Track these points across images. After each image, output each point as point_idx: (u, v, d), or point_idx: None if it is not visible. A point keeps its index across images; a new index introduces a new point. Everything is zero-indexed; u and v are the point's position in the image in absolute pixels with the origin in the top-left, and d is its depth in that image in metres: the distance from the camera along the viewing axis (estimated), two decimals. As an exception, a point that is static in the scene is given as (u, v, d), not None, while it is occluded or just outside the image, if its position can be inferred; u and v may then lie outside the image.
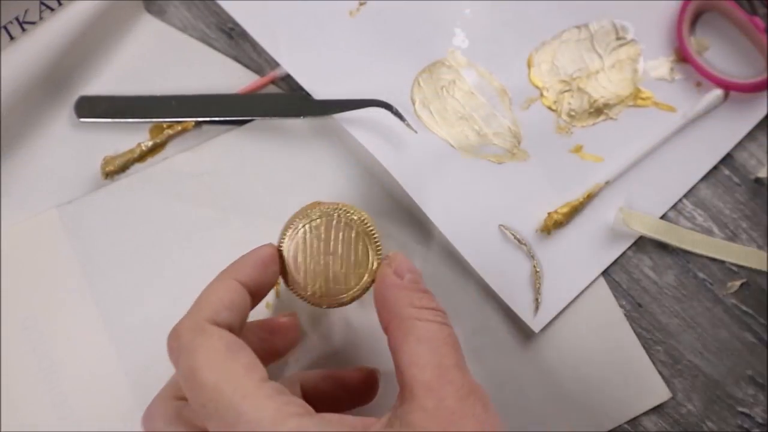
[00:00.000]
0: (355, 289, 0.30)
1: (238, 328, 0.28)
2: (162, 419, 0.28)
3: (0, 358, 0.35)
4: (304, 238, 0.30)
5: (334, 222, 0.30)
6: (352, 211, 0.30)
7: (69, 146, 0.39)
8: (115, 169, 0.38)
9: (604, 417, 0.36)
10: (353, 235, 0.30)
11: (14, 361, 0.35)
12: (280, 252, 0.30)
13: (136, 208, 0.38)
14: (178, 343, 0.26)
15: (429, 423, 0.24)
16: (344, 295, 0.30)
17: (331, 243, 0.30)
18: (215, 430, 0.24)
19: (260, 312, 0.36)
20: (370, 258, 0.30)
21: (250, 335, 0.31)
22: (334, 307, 0.31)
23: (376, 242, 0.30)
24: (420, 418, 0.25)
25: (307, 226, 0.30)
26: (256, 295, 0.29)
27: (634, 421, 0.36)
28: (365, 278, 0.30)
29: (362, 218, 0.30)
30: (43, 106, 0.39)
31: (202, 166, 0.39)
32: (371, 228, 0.30)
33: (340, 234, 0.30)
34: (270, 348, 0.33)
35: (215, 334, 0.26)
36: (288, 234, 0.30)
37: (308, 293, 0.30)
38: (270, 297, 0.36)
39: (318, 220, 0.30)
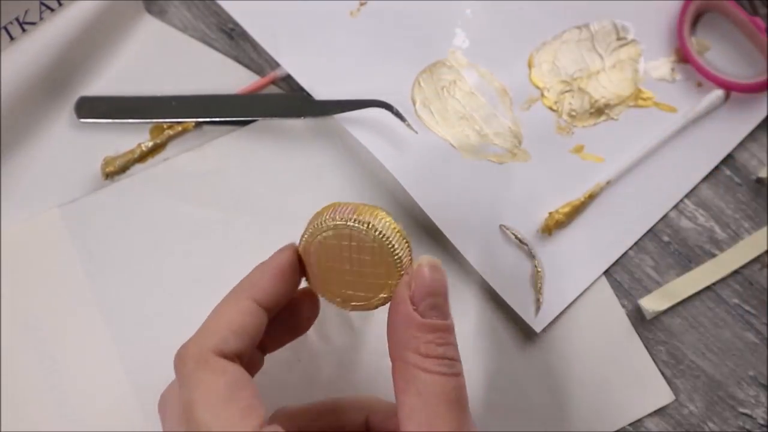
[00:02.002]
0: (377, 298, 0.29)
1: (249, 350, 0.27)
2: (177, 410, 0.26)
3: (0, 357, 0.35)
4: (325, 242, 0.28)
5: (359, 230, 0.28)
6: (379, 219, 0.28)
7: (69, 147, 0.39)
8: (116, 170, 0.38)
9: (606, 418, 0.36)
10: (376, 245, 0.28)
11: (15, 360, 0.35)
12: (301, 252, 0.29)
13: (138, 207, 0.38)
14: (183, 369, 0.26)
15: None
16: (367, 302, 0.29)
17: (355, 250, 0.28)
18: None
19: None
20: (392, 272, 0.28)
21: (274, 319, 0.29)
22: (359, 310, 0.30)
23: (397, 257, 0.28)
24: None
25: (331, 231, 0.28)
26: (273, 308, 0.28)
27: (636, 421, 0.36)
28: (384, 291, 0.29)
29: (384, 234, 0.28)
30: (43, 106, 0.39)
31: (204, 166, 0.38)
32: (395, 241, 0.28)
33: (365, 243, 0.28)
34: (294, 325, 0.31)
35: (218, 369, 0.25)
36: (311, 234, 0.28)
37: (332, 296, 0.29)
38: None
39: (343, 225, 0.28)
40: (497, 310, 0.37)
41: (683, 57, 0.40)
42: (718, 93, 0.39)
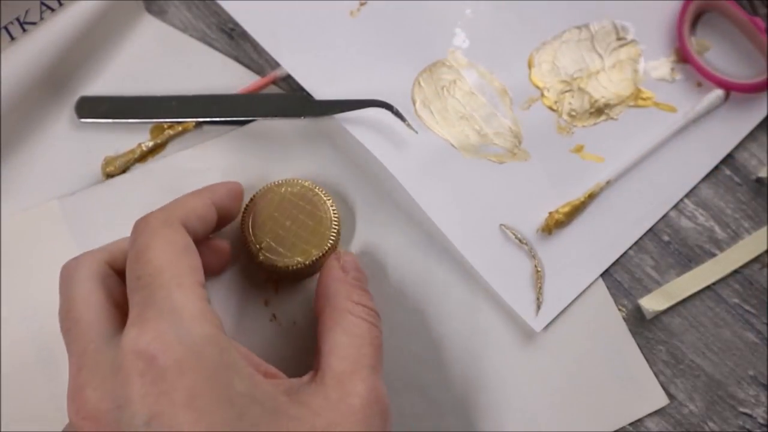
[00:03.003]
0: (295, 261, 0.33)
1: (199, 240, 0.29)
2: (87, 271, 0.29)
3: (0, 348, 0.35)
4: (286, 194, 0.35)
5: (311, 199, 0.35)
6: (330, 202, 0.35)
7: (69, 147, 0.39)
8: (116, 170, 0.38)
9: (601, 420, 0.36)
10: (326, 216, 0.34)
11: (13, 351, 0.35)
12: (256, 195, 0.35)
13: (138, 202, 0.38)
14: (145, 227, 0.28)
15: (328, 412, 0.25)
16: (281, 259, 0.33)
17: (299, 213, 0.34)
18: (136, 304, 0.25)
19: (262, 312, 0.36)
20: (323, 244, 0.34)
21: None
22: (268, 264, 0.33)
23: (336, 231, 0.34)
24: (320, 404, 0.25)
25: (298, 188, 0.35)
26: (220, 222, 0.32)
27: (636, 421, 0.36)
28: (303, 256, 0.33)
29: (336, 211, 0.35)
30: (43, 106, 0.39)
31: (204, 163, 0.38)
32: (336, 223, 0.34)
33: (318, 211, 0.34)
34: (207, 265, 0.33)
35: (180, 232, 0.28)
36: (278, 183, 0.35)
37: (252, 240, 0.34)
38: (269, 295, 0.36)
39: (310, 189, 0.35)
40: (496, 309, 0.37)
41: (683, 57, 0.40)
42: (718, 93, 0.39)
